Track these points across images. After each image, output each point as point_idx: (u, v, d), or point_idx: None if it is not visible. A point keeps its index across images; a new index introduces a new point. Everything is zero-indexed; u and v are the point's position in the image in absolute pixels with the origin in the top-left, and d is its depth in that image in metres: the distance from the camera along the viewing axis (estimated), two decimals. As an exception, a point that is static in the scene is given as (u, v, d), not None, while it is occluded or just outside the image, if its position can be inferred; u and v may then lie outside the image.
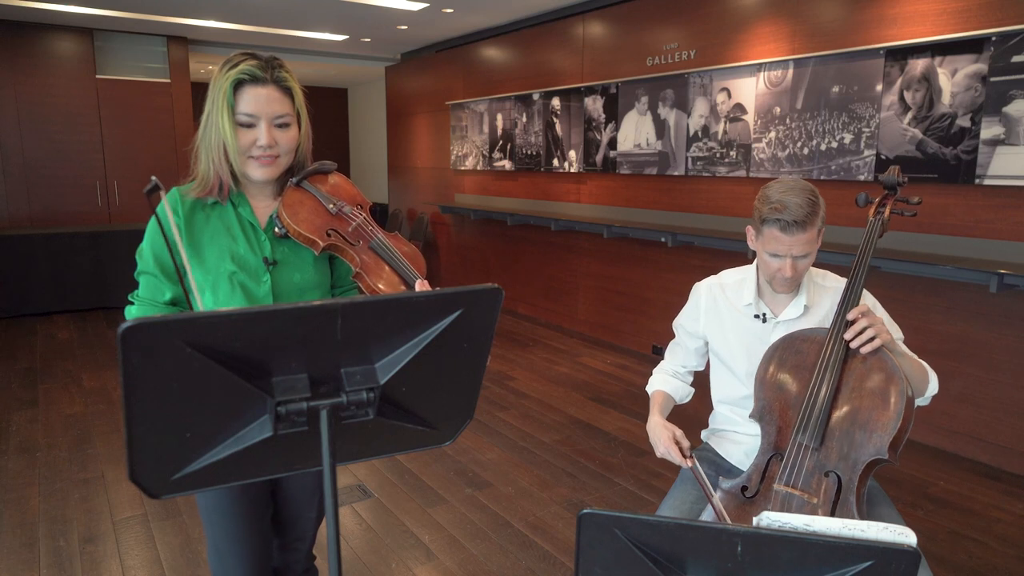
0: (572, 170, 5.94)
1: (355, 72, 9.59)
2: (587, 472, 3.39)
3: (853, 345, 1.52)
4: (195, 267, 1.46)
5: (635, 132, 5.26)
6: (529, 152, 6.44)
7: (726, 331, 1.82)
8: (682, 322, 1.93)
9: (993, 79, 3.23)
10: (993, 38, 3.21)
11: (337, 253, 1.53)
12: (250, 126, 1.42)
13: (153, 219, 1.46)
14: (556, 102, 6.01)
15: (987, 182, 3.30)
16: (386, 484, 3.25)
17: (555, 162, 6.12)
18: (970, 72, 3.31)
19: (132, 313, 1.47)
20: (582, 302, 6.11)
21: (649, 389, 1.93)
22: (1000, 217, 3.33)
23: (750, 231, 1.71)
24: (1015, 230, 3.28)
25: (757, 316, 1.77)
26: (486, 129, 6.98)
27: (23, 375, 4.82)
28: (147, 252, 1.48)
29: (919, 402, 1.66)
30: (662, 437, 1.67)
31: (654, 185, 5.21)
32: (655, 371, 1.97)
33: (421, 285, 1.51)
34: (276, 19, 6.58)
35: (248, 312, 0.83)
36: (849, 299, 1.58)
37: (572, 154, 5.91)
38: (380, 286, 1.53)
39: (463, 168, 7.46)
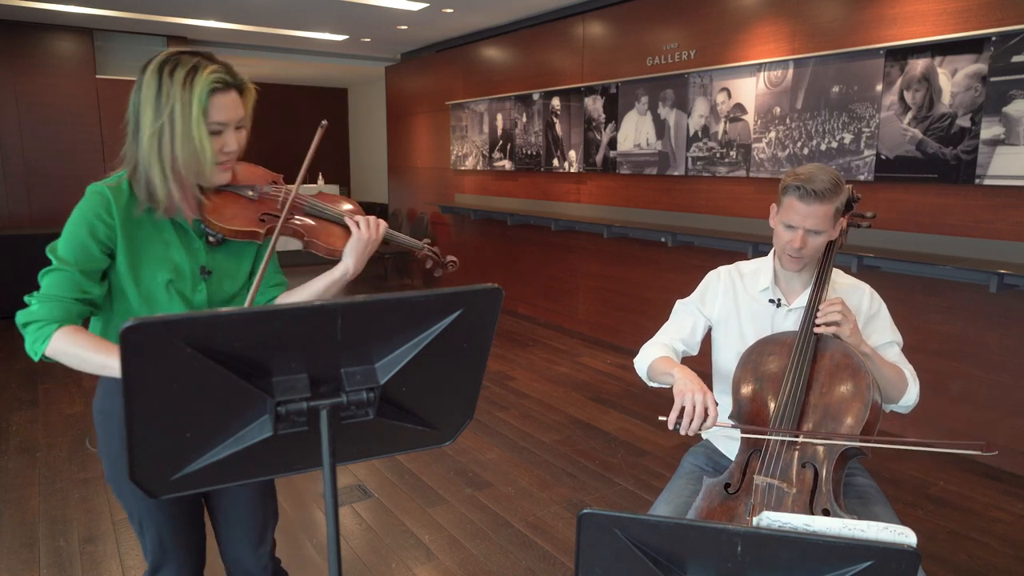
0: (572, 170, 5.94)
1: (355, 72, 9.59)
2: (587, 472, 3.39)
3: (818, 321, 1.61)
4: (129, 277, 1.40)
5: (635, 132, 5.26)
6: (529, 152, 6.44)
7: (740, 316, 1.85)
8: (693, 300, 1.93)
9: (993, 79, 3.23)
10: (993, 38, 3.21)
11: (282, 234, 1.49)
12: (218, 133, 1.38)
13: (82, 209, 1.36)
14: (556, 102, 6.01)
15: (987, 182, 3.30)
16: (386, 484, 3.25)
17: (555, 162, 6.12)
18: (970, 72, 3.31)
19: (34, 313, 1.33)
20: (582, 302, 6.10)
21: (646, 360, 1.78)
22: (1000, 217, 3.33)
23: (772, 208, 1.77)
24: (1015, 230, 3.28)
25: (772, 301, 1.81)
26: (486, 129, 6.98)
27: (23, 375, 4.82)
28: (67, 248, 1.36)
29: (895, 408, 1.76)
30: (699, 388, 1.54)
31: (654, 185, 5.21)
32: (645, 346, 1.86)
33: (361, 222, 1.53)
34: (276, 19, 6.57)
35: (248, 312, 0.83)
36: (814, 303, 1.68)
37: (572, 154, 5.91)
38: (334, 243, 1.54)
39: (463, 168, 7.46)
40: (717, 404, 1.54)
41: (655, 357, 1.77)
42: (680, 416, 1.51)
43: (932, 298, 3.63)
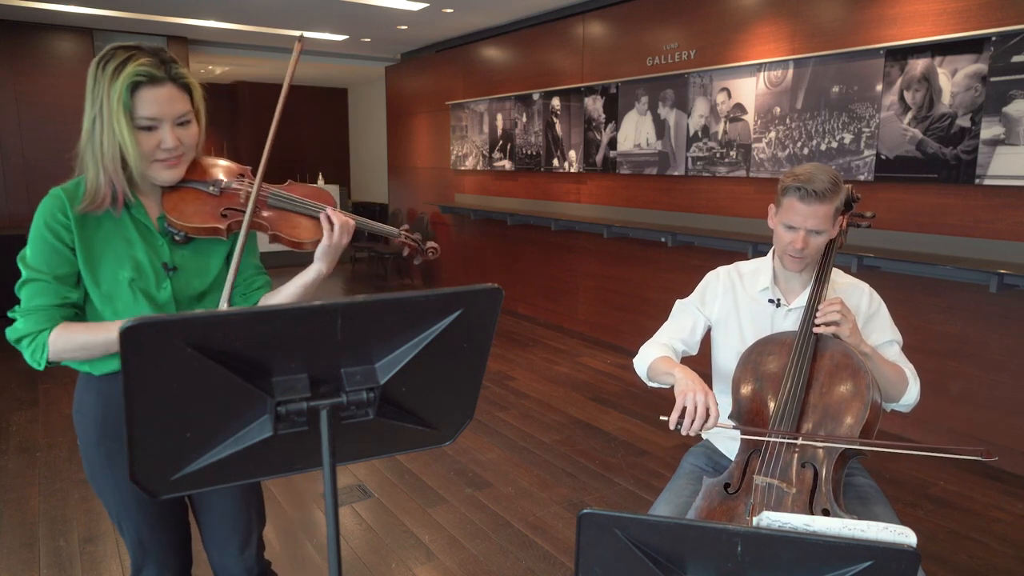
0: (572, 170, 5.94)
1: (355, 72, 9.58)
2: (587, 472, 3.39)
3: (818, 321, 1.60)
4: (88, 276, 1.38)
5: (635, 132, 5.26)
6: (529, 152, 6.43)
7: (740, 316, 1.85)
8: (692, 300, 1.93)
9: (993, 79, 3.23)
10: (993, 38, 3.21)
11: (251, 228, 1.45)
12: (152, 128, 1.33)
13: (39, 215, 1.35)
14: (556, 102, 6.01)
15: (987, 182, 3.30)
16: (386, 484, 3.25)
17: (555, 162, 6.12)
18: (970, 72, 3.31)
19: (20, 329, 1.35)
20: (582, 302, 6.10)
21: (646, 360, 1.77)
22: (1000, 217, 3.33)
23: (771, 209, 1.76)
24: (1015, 230, 3.28)
25: (772, 301, 1.81)
26: (486, 129, 6.98)
27: (23, 375, 4.82)
28: (35, 256, 1.36)
29: (896, 407, 1.76)
30: (701, 388, 1.54)
31: (654, 185, 5.21)
32: (644, 346, 1.85)
33: (332, 213, 1.49)
34: (276, 19, 6.57)
35: (248, 312, 0.83)
36: (814, 303, 1.68)
37: (572, 154, 5.91)
38: (300, 235, 1.50)
39: (463, 168, 7.46)
40: (718, 404, 1.54)
41: (655, 357, 1.76)
42: (681, 416, 1.51)
43: (932, 298, 3.63)
